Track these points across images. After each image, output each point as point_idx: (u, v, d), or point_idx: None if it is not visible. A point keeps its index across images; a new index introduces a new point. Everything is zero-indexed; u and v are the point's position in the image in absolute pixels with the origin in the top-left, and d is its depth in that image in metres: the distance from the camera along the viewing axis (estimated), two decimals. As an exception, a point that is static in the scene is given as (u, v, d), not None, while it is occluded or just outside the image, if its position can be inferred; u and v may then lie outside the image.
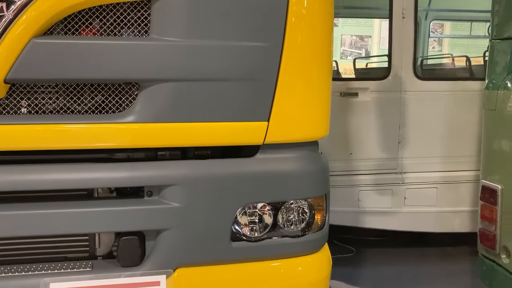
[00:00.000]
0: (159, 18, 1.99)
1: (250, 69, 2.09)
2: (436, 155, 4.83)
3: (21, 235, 2.04)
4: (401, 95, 4.72)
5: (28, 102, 2.01)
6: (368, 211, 4.82)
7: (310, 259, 2.33)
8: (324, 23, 2.23)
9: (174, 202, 2.09)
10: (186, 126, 2.08)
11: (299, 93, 2.19)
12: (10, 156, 2.06)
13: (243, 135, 2.16)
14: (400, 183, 4.82)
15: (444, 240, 5.12)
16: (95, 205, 2.10)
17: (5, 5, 1.83)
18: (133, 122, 2.03)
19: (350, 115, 4.69)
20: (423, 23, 6.83)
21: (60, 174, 2.04)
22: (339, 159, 4.62)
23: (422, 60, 6.51)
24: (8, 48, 1.86)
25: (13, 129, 1.97)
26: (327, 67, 2.29)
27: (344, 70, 8.15)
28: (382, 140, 4.76)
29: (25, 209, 2.02)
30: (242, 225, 2.20)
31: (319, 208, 2.32)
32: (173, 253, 2.12)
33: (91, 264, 2.13)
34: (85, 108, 2.06)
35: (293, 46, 2.13)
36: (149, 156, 2.17)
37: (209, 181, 2.13)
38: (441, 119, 4.79)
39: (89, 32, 1.99)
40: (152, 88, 2.02)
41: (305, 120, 2.23)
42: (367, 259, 4.96)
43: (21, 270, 2.07)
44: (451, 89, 4.79)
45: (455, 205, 4.88)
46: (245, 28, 2.08)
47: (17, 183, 2.01)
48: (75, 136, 2.03)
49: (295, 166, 2.24)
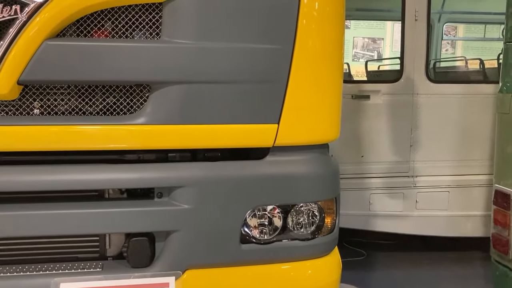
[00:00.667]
0: (170, 20, 2.00)
1: (260, 71, 2.09)
2: (448, 159, 4.78)
3: (32, 235, 2.06)
4: (413, 98, 4.69)
5: (41, 103, 2.03)
6: (379, 215, 4.80)
7: (320, 262, 2.31)
8: (335, 25, 2.22)
9: (184, 204, 2.09)
10: (196, 128, 2.09)
11: (310, 95, 2.19)
12: (23, 156, 2.08)
13: (253, 137, 2.15)
14: (412, 186, 4.79)
15: (456, 245, 5.07)
16: (106, 206, 2.11)
17: (19, 7, 1.85)
18: (144, 123, 2.04)
19: (361, 118, 4.67)
20: (436, 25, 6.77)
21: (71, 175, 2.05)
22: (350, 162, 4.60)
23: (435, 62, 6.46)
24: (22, 50, 1.89)
25: (26, 130, 1.99)
26: (338, 70, 2.28)
27: (356, 72, 8.11)
28: (393, 143, 4.73)
29: (37, 209, 2.04)
30: (252, 227, 2.20)
31: (329, 211, 2.30)
32: (183, 254, 2.12)
33: (101, 265, 2.14)
34: (96, 110, 2.07)
35: (304, 48, 2.12)
36: (160, 158, 2.18)
37: (219, 183, 2.13)
38: (453, 122, 4.75)
39: (101, 34, 2.01)
40: (163, 90, 2.03)
41: (315, 122, 2.22)
42: (378, 262, 4.92)
43: (32, 270, 2.09)
44: (464, 92, 4.75)
45: (468, 209, 4.83)
46: (256, 30, 2.08)
47: (29, 184, 2.03)
48: (87, 138, 2.04)
49: (305, 168, 2.23)
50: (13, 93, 1.95)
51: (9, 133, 1.99)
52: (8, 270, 2.07)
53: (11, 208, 2.03)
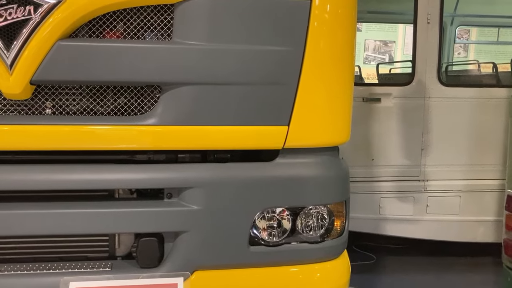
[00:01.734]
0: (182, 22, 2.00)
1: (271, 73, 2.09)
2: (460, 163, 4.75)
3: (43, 234, 2.08)
4: (425, 101, 4.66)
5: (53, 103, 2.05)
6: (389, 218, 4.77)
7: (328, 266, 2.30)
8: (346, 27, 2.21)
9: (193, 205, 2.10)
10: (206, 129, 2.09)
11: (320, 97, 2.18)
12: (34, 156, 2.10)
13: (263, 139, 2.15)
14: (423, 190, 4.76)
15: (467, 250, 5.01)
16: (116, 206, 2.12)
17: (32, 8, 1.87)
18: (154, 124, 2.05)
19: (372, 121, 4.65)
20: (448, 28, 6.72)
21: (82, 175, 2.07)
22: (360, 165, 4.58)
23: (447, 66, 6.41)
24: (35, 50, 1.90)
25: (38, 130, 2.01)
26: (349, 72, 2.27)
27: (367, 75, 8.08)
28: (404, 147, 4.70)
29: (48, 208, 2.05)
30: (261, 229, 2.19)
31: (339, 214, 2.29)
32: (191, 255, 2.12)
33: (111, 264, 2.15)
34: (107, 110, 2.08)
35: (315, 51, 2.12)
36: (170, 159, 2.18)
37: (229, 184, 2.13)
38: (465, 126, 4.71)
39: (113, 35, 2.02)
40: (174, 91, 2.04)
41: (325, 125, 2.21)
42: (387, 267, 4.89)
43: (42, 268, 2.10)
44: (477, 96, 4.70)
45: (479, 215, 4.78)
46: (267, 32, 2.07)
47: (41, 183, 2.05)
48: (98, 138, 2.05)
49: (315, 171, 2.23)
50: (26, 93, 1.97)
51: (21, 132, 2.00)
52: (19, 268, 2.09)
53: (22, 207, 2.05)
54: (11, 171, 2.04)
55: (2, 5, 1.86)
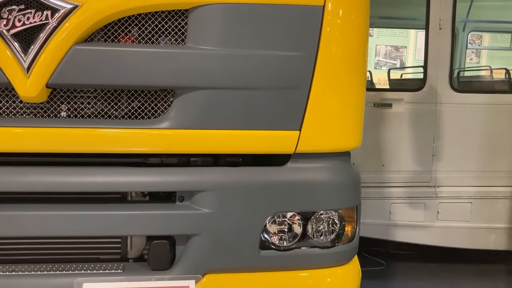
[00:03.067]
0: (196, 27, 2.03)
1: (283, 78, 2.10)
2: (471, 169, 4.71)
3: (56, 235, 2.11)
4: (436, 107, 4.63)
5: (68, 106, 2.08)
6: (400, 225, 4.74)
7: (339, 271, 2.30)
8: (359, 33, 2.22)
9: (205, 208, 2.11)
10: (218, 133, 2.10)
11: (332, 102, 2.18)
12: (49, 158, 2.13)
13: (275, 144, 2.16)
14: (434, 196, 4.72)
15: (478, 258, 4.97)
16: (129, 208, 2.15)
17: (50, 13, 1.91)
18: (167, 128, 2.07)
19: (383, 126, 4.63)
20: (460, 34, 6.69)
21: (95, 177, 2.09)
22: (371, 171, 4.57)
23: (459, 72, 6.37)
24: (51, 54, 1.94)
25: (53, 132, 2.04)
26: (361, 77, 2.28)
27: (378, 80, 8.05)
28: (415, 153, 4.67)
29: (61, 210, 2.08)
30: (271, 233, 2.20)
31: (350, 220, 2.29)
32: (203, 258, 2.14)
33: (123, 266, 2.17)
34: (121, 113, 2.11)
35: (327, 56, 2.12)
36: (182, 162, 2.20)
37: (240, 188, 2.14)
38: (477, 133, 4.67)
39: (127, 40, 2.05)
40: (187, 95, 2.06)
41: (337, 130, 2.22)
42: (397, 273, 4.86)
43: (56, 269, 2.13)
44: (489, 102, 4.67)
45: (491, 222, 4.74)
46: (279, 37, 2.09)
47: (55, 185, 2.07)
48: (111, 141, 2.08)
49: (326, 176, 2.23)
50: (42, 96, 2.01)
51: (37, 134, 2.04)
52: (33, 269, 2.12)
53: (37, 209, 2.08)
54: (27, 173, 2.07)
55: (20, 10, 1.90)
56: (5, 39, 1.91)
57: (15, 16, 1.89)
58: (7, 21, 1.89)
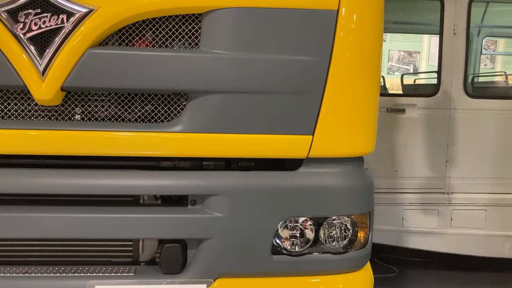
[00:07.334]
0: (209, 31, 2.03)
1: (297, 82, 2.10)
2: (486, 176, 4.65)
3: (69, 237, 2.12)
4: (450, 113, 4.59)
5: (82, 109, 2.10)
6: (412, 231, 4.69)
7: (351, 277, 2.28)
8: (373, 37, 2.21)
9: (217, 212, 2.11)
10: (231, 137, 2.10)
11: (345, 107, 2.17)
12: (62, 160, 2.14)
13: (287, 148, 2.15)
14: (447, 203, 4.67)
15: (492, 266, 4.90)
16: (141, 211, 2.15)
17: (65, 17, 1.93)
18: (180, 131, 2.07)
19: (396, 132, 4.60)
20: (475, 39, 6.63)
21: (109, 180, 2.10)
22: (384, 176, 4.53)
23: (473, 77, 6.31)
24: (66, 58, 1.95)
25: (67, 135, 2.06)
26: (374, 82, 2.26)
27: (391, 85, 8.00)
28: (429, 159, 4.63)
29: (74, 213, 2.09)
30: (283, 238, 2.19)
31: (363, 226, 2.27)
32: (214, 262, 2.13)
33: (134, 269, 2.17)
34: (135, 117, 2.12)
35: (340, 61, 2.12)
36: (194, 166, 2.20)
37: (252, 192, 2.13)
38: (492, 139, 4.62)
39: (141, 44, 2.06)
40: (200, 99, 2.06)
41: (350, 135, 2.20)
42: (410, 280, 4.81)
43: (68, 271, 2.14)
44: (504, 108, 4.62)
45: (506, 229, 4.67)
46: (293, 42, 2.08)
47: (69, 187, 2.09)
48: (125, 144, 2.09)
49: (339, 181, 2.21)
50: (57, 99, 2.02)
51: (51, 137, 2.05)
52: (45, 271, 2.14)
53: (48, 211, 2.09)
54: (41, 175, 2.09)
55: (37, 14, 1.92)
56: (22, 42, 1.93)
57: (31, 19, 1.92)
58: (23, 25, 1.92)
